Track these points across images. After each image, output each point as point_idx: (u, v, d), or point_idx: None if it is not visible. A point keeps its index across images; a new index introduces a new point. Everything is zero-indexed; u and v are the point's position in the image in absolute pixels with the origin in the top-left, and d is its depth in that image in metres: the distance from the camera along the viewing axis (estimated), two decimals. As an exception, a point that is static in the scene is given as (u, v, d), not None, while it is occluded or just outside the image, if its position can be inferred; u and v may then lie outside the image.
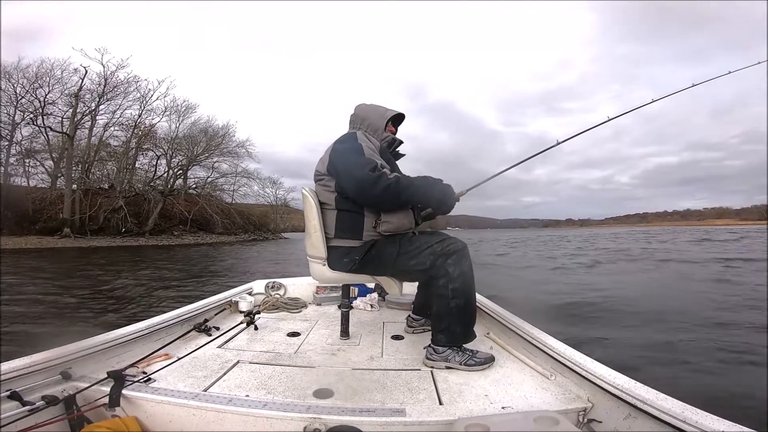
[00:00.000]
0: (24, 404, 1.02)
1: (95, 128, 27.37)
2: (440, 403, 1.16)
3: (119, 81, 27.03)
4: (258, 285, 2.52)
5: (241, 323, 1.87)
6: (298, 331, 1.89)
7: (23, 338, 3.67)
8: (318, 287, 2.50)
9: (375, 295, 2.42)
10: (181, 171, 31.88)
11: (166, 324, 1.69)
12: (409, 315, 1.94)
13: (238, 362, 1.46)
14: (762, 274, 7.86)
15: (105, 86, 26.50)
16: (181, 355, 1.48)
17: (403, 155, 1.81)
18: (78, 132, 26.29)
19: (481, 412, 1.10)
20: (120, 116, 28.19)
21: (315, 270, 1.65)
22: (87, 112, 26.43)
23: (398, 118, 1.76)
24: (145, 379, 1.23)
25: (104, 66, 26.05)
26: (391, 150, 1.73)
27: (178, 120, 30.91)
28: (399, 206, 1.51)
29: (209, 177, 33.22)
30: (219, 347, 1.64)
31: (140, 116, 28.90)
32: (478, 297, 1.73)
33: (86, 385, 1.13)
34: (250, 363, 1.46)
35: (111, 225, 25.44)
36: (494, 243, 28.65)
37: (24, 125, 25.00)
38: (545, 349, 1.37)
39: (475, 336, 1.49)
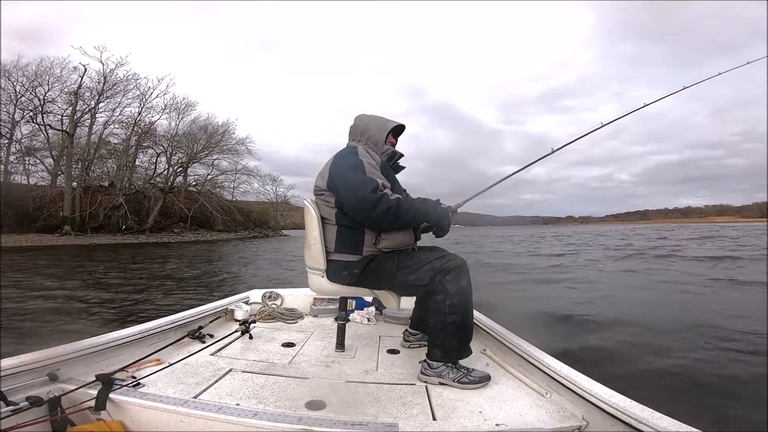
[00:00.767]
0: (8, 404, 1.00)
1: (95, 126, 27.45)
2: (434, 419, 1.15)
3: (119, 79, 27.08)
4: (255, 294, 2.51)
5: (236, 332, 1.85)
6: (294, 342, 1.88)
7: (16, 336, 3.64)
8: (315, 299, 2.48)
9: (372, 309, 2.41)
10: (181, 168, 31.89)
11: (159, 329, 1.67)
12: (406, 329, 1.93)
13: (231, 370, 1.44)
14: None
15: (104, 84, 26.52)
16: (173, 361, 1.44)
17: (404, 168, 1.80)
18: (78, 130, 26.30)
19: (475, 429, 1.10)
20: (120, 114, 28.29)
21: (313, 281, 1.64)
22: (87, 110, 26.44)
23: (398, 129, 1.75)
24: (134, 384, 1.21)
25: (103, 64, 26.06)
26: (392, 164, 1.72)
27: (178, 117, 30.95)
28: (398, 229, 1.51)
29: (209, 174, 33.35)
30: (212, 354, 1.62)
31: (140, 114, 28.97)
32: (476, 314, 1.72)
33: (73, 388, 1.12)
34: (243, 372, 1.45)
35: (111, 222, 25.44)
36: (541, 242, 23.68)
37: (24, 123, 25.07)
38: (541, 367, 1.36)
39: (471, 352, 1.49)
